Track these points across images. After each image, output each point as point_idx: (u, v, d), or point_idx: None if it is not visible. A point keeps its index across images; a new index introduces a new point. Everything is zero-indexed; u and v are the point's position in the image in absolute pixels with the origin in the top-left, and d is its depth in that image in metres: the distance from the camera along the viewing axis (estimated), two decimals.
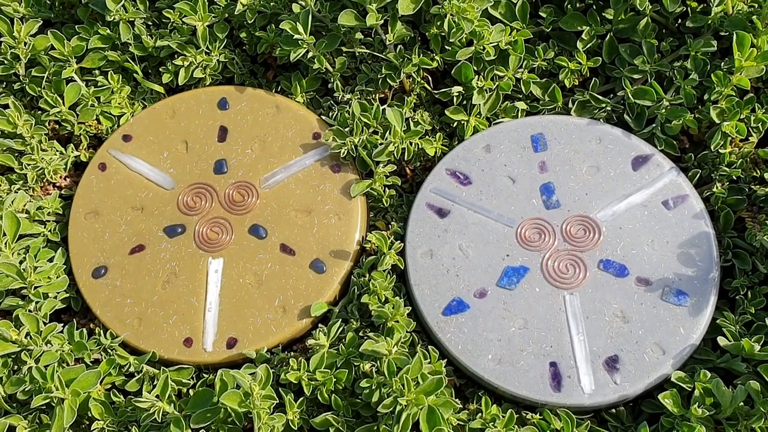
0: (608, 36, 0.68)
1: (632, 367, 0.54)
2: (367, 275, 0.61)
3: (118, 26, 0.71)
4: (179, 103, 0.71)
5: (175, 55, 0.71)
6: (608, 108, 0.66)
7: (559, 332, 0.56)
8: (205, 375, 0.61)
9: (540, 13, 0.70)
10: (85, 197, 0.68)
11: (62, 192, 0.71)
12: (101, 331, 0.63)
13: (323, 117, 0.69)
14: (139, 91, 0.73)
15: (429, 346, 0.57)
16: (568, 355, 0.55)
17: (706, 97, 0.64)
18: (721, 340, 0.54)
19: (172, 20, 0.70)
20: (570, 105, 0.67)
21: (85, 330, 0.63)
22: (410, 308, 0.58)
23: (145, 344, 0.62)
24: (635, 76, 0.66)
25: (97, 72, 0.73)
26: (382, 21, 0.65)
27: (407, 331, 0.56)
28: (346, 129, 0.65)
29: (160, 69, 0.72)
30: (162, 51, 0.71)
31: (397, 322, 0.55)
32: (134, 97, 0.73)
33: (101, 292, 0.64)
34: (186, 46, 0.70)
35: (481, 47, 0.66)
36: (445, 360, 0.56)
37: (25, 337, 0.59)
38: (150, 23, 0.73)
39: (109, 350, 0.62)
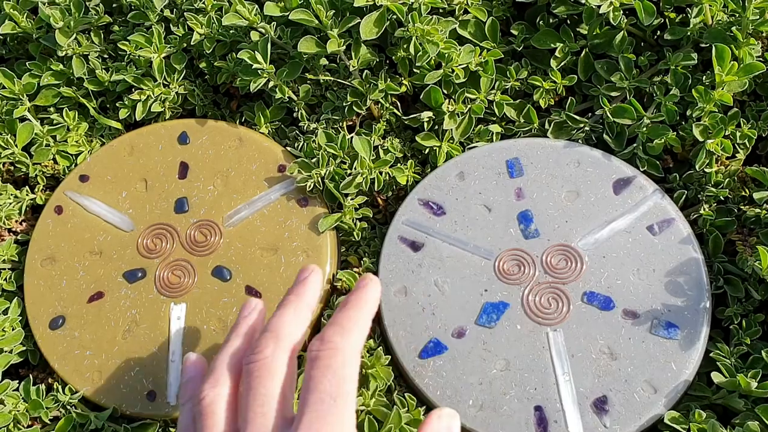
0: (583, 52, 0.65)
1: (622, 408, 0.51)
2: None
3: (71, 61, 0.68)
4: (137, 139, 0.67)
5: (132, 89, 0.68)
6: (586, 128, 0.63)
7: (544, 373, 0.52)
8: (171, 430, 0.58)
9: (511, 31, 0.67)
10: (41, 242, 0.64)
11: (18, 237, 0.67)
12: (60, 387, 0.59)
13: (289, 148, 0.66)
14: (96, 128, 0.69)
15: (406, 393, 0.53)
16: (554, 398, 0.51)
17: (689, 113, 0.60)
18: (716, 376, 0.51)
19: (128, 52, 0.67)
20: (547, 126, 0.64)
21: (42, 386, 0.59)
22: (387, 354, 0.54)
23: (106, 399, 0.58)
24: (613, 94, 0.63)
25: (52, 109, 0.70)
26: (345, 47, 0.62)
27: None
28: (312, 160, 0.62)
29: (117, 104, 0.68)
30: (118, 85, 0.68)
31: (376, 371, 0.52)
32: (92, 134, 0.70)
33: (59, 344, 0.60)
34: (143, 79, 0.67)
35: (450, 69, 0.62)
36: (424, 407, 0.52)
37: None
38: (106, 56, 0.70)
39: (68, 407, 0.58)
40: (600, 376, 0.52)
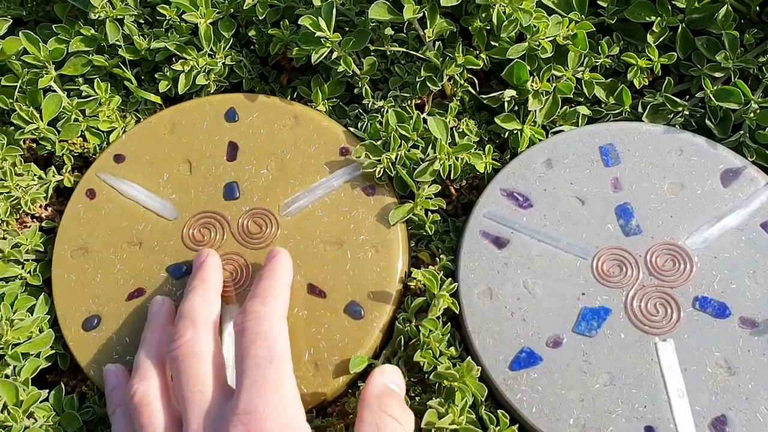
0: (680, 28, 0.58)
1: (745, 430, 0.45)
2: (414, 320, 0.51)
3: (104, 25, 0.60)
4: (179, 115, 0.60)
5: (174, 59, 0.60)
6: (685, 112, 0.57)
7: (654, 388, 0.47)
8: None
9: (599, 2, 0.60)
10: (71, 231, 0.57)
11: (43, 224, 0.60)
12: (96, 396, 0.52)
13: (350, 128, 0.59)
14: (131, 102, 0.62)
15: (498, 410, 0.47)
16: (667, 417, 0.46)
17: None
18: None
19: (168, 17, 0.59)
20: (640, 109, 0.57)
21: (75, 396, 0.52)
22: (478, 367, 0.48)
23: None
24: (716, 75, 0.57)
25: (80, 80, 0.62)
26: (420, 14, 0.55)
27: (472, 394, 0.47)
28: (379, 143, 0.55)
29: (156, 75, 0.61)
30: (158, 54, 0.60)
31: (465, 384, 0.45)
32: (126, 108, 0.62)
33: (94, 348, 0.53)
34: (186, 47, 0.59)
35: (536, 43, 0.56)
36: (517, 425, 0.47)
37: (2, 411, 0.49)
38: (142, 21, 0.62)
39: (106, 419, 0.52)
40: (717, 392, 0.46)
